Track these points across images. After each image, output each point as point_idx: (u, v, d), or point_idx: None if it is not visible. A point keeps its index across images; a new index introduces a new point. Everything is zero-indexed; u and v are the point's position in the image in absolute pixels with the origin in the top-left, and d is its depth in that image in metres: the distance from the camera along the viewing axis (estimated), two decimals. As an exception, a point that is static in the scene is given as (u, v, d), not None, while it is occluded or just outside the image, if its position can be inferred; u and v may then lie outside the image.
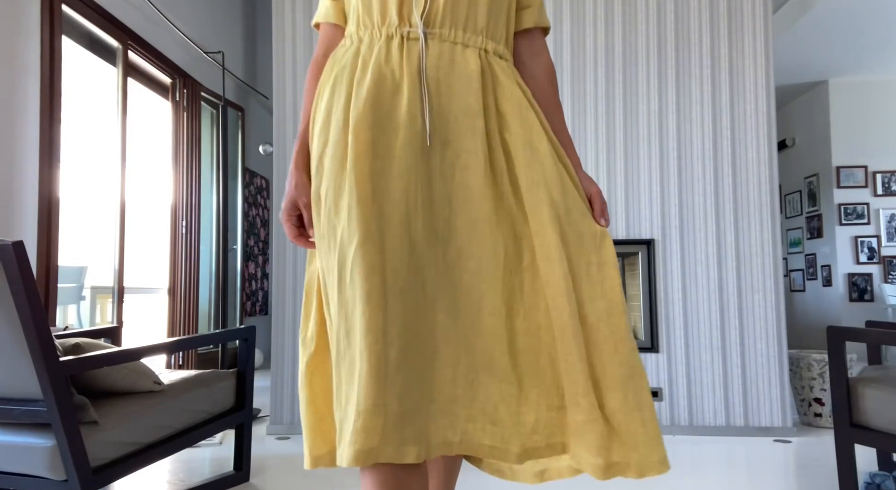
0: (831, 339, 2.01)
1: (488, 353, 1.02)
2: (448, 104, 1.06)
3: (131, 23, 3.69)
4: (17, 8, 2.75)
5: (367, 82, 1.05)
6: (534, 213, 1.06)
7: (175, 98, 4.35)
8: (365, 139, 1.01)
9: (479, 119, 1.06)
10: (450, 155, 1.05)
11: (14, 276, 1.49)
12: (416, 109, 1.04)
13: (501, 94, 1.10)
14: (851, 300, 6.61)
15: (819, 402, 3.33)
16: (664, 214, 3.31)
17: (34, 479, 1.63)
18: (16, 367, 1.57)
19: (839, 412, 1.98)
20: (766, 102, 3.34)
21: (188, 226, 4.38)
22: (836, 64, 6.24)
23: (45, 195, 2.85)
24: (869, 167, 6.66)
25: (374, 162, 1.01)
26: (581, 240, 1.06)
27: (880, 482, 2.16)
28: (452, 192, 1.05)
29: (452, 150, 1.05)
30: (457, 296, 1.02)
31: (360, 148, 1.01)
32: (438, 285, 1.01)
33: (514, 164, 1.08)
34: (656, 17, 3.40)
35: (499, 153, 1.08)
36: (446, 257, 1.03)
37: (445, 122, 1.06)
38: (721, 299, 3.25)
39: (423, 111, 1.05)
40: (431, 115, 1.05)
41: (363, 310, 0.94)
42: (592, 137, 3.36)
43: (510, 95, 1.10)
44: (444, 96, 1.06)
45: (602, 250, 1.07)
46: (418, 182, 1.02)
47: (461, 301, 1.02)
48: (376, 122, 1.03)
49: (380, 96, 1.04)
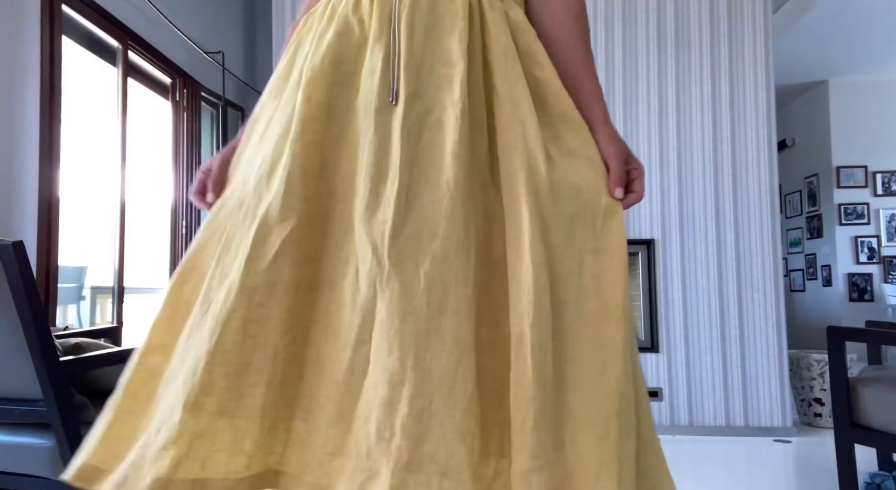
0: (831, 339, 2.01)
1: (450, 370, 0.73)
2: (422, 51, 0.85)
3: (131, 23, 3.69)
4: (17, 8, 2.75)
5: (329, 35, 0.89)
6: (506, 187, 0.82)
7: (175, 98, 4.35)
8: (318, 100, 0.84)
9: (458, 66, 0.84)
10: (418, 110, 0.83)
11: (14, 276, 1.49)
12: (376, 63, 0.84)
13: (489, 40, 0.89)
14: (851, 300, 6.60)
15: (819, 402, 3.33)
16: (664, 214, 3.31)
17: (34, 479, 1.63)
18: (16, 367, 1.57)
19: (839, 412, 1.98)
20: (766, 102, 3.34)
21: (188, 226, 4.38)
22: (836, 64, 6.24)
23: (45, 195, 2.85)
24: (869, 167, 6.66)
25: (329, 128, 0.84)
26: (574, 221, 0.81)
27: (880, 482, 2.16)
28: (417, 156, 0.80)
29: (422, 104, 0.83)
30: (410, 288, 0.75)
31: (311, 111, 0.84)
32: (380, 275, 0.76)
33: (494, 124, 0.85)
34: (656, 17, 3.40)
35: (481, 110, 0.85)
36: (397, 238, 0.76)
37: (417, 72, 0.84)
38: (721, 299, 3.25)
39: (387, 60, 0.84)
40: (398, 64, 0.84)
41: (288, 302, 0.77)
42: (592, 137, 3.36)
43: (496, 40, 0.88)
44: (417, 42, 0.86)
45: (604, 234, 0.82)
46: (367, 150, 0.81)
47: (415, 296, 0.74)
48: (336, 81, 0.86)
49: (342, 50, 0.87)
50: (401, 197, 0.77)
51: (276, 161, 0.84)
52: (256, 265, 0.78)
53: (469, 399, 0.73)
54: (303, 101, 0.84)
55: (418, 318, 0.74)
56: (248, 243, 0.79)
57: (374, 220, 0.77)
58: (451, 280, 0.75)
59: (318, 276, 0.81)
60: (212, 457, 0.73)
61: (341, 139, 0.84)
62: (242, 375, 0.75)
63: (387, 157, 0.80)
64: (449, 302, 0.75)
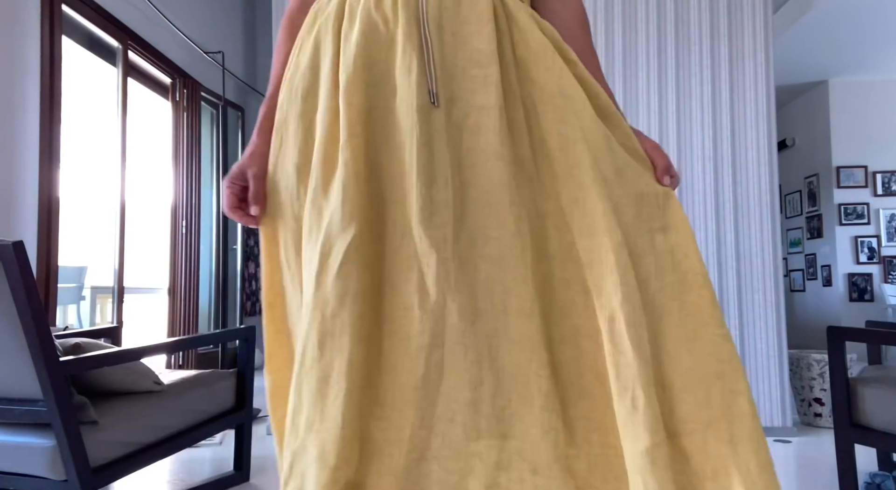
0: (831, 339, 2.01)
1: (522, 369, 0.75)
2: (453, 54, 0.86)
3: (131, 23, 3.68)
4: (17, 8, 2.75)
5: (354, 35, 0.87)
6: (570, 178, 0.82)
7: (175, 98, 4.35)
8: (358, 104, 0.84)
9: (492, 67, 0.84)
10: (456, 114, 0.84)
11: (14, 276, 1.49)
12: (411, 62, 0.84)
13: (520, 37, 0.89)
14: (851, 300, 6.60)
15: (819, 402, 3.33)
16: (664, 214, 3.32)
17: (34, 479, 1.63)
18: (16, 367, 1.57)
19: (839, 412, 1.98)
20: (766, 102, 3.35)
21: (188, 226, 4.38)
22: (836, 64, 6.24)
23: (45, 195, 2.85)
24: (869, 167, 6.66)
25: (373, 130, 0.84)
26: (640, 203, 0.83)
27: (880, 482, 2.16)
28: (462, 160, 0.82)
29: (459, 108, 0.84)
30: (474, 291, 0.78)
31: (353, 115, 0.83)
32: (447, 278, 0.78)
33: (539, 119, 0.85)
34: (656, 17, 3.40)
35: (518, 108, 0.85)
36: (457, 242, 0.79)
37: (450, 76, 0.85)
38: (721, 299, 3.25)
39: (423, 62, 0.84)
40: (433, 67, 0.84)
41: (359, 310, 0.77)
42: (592, 137, 3.37)
43: (530, 37, 0.88)
44: (447, 45, 0.86)
45: (668, 212, 0.83)
46: (415, 150, 0.81)
47: (480, 298, 0.77)
48: (371, 82, 0.85)
49: (371, 51, 0.86)
50: (456, 201, 0.80)
51: (327, 170, 0.84)
52: (325, 278, 0.78)
53: (546, 395, 0.74)
54: (345, 106, 0.84)
55: (486, 319, 0.76)
56: (317, 258, 0.80)
57: (432, 224, 0.78)
58: (510, 280, 0.78)
59: (379, 281, 0.81)
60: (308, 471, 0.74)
61: (386, 141, 0.84)
62: (323, 389, 0.76)
63: (433, 159, 0.81)
64: (511, 301, 0.77)
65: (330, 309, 0.77)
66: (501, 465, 0.72)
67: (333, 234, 0.79)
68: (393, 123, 0.84)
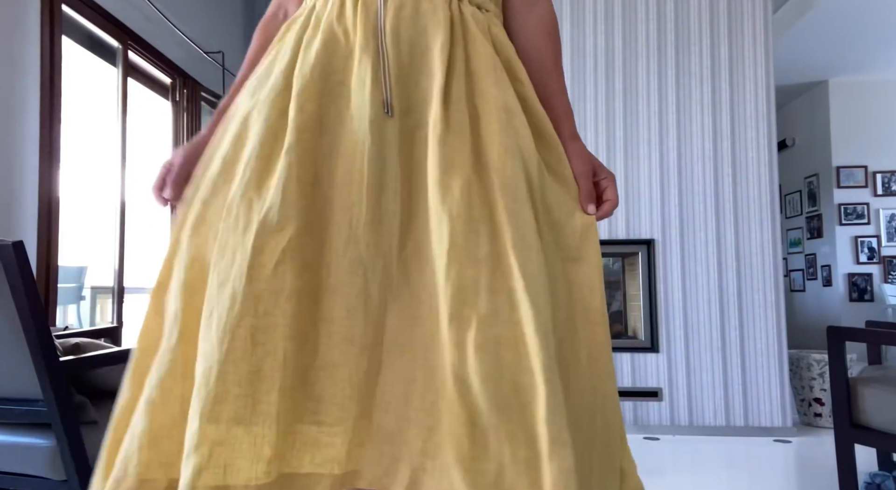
0: (831, 339, 2.01)
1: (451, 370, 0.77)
2: (409, 64, 0.88)
3: (131, 23, 3.69)
4: (17, 8, 2.75)
5: (315, 44, 0.89)
6: (507, 189, 0.84)
7: (175, 98, 4.35)
8: (310, 111, 0.85)
9: (437, 78, 0.87)
10: (410, 125, 0.87)
11: (14, 276, 1.49)
12: (366, 72, 0.86)
13: (472, 49, 0.91)
14: (851, 300, 6.61)
15: (819, 402, 3.33)
16: (664, 214, 3.31)
17: (34, 479, 1.63)
18: (16, 367, 1.57)
19: (839, 412, 1.98)
20: (766, 102, 3.34)
21: (188, 226, 4.38)
22: (836, 64, 6.24)
23: (45, 195, 2.85)
24: (869, 167, 6.66)
25: (322, 138, 0.85)
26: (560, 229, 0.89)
27: (880, 482, 2.16)
28: (413, 171, 0.85)
29: (412, 119, 0.87)
30: (417, 297, 0.82)
31: (303, 121, 0.85)
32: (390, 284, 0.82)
33: (483, 131, 0.87)
34: (656, 17, 3.40)
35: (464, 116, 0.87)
36: (403, 250, 0.83)
37: (405, 86, 0.87)
38: (721, 299, 3.25)
39: (378, 74, 0.86)
40: (389, 77, 0.86)
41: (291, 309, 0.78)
42: (592, 137, 3.36)
43: (480, 52, 0.91)
44: (404, 56, 0.88)
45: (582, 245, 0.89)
46: (366, 159, 0.83)
47: (423, 304, 0.81)
48: (326, 91, 0.87)
49: (331, 62, 0.88)
50: (404, 210, 0.84)
51: (263, 168, 0.84)
52: (259, 273, 0.79)
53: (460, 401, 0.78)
54: (296, 111, 0.85)
55: (425, 324, 0.81)
56: (248, 251, 0.80)
57: (380, 231, 0.82)
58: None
59: (318, 284, 0.82)
60: (232, 464, 0.74)
61: (335, 149, 0.85)
62: (255, 382, 0.76)
63: (385, 170, 0.84)
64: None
65: (263, 306, 0.77)
66: (427, 453, 0.78)
67: (269, 231, 0.80)
68: (344, 132, 0.86)
